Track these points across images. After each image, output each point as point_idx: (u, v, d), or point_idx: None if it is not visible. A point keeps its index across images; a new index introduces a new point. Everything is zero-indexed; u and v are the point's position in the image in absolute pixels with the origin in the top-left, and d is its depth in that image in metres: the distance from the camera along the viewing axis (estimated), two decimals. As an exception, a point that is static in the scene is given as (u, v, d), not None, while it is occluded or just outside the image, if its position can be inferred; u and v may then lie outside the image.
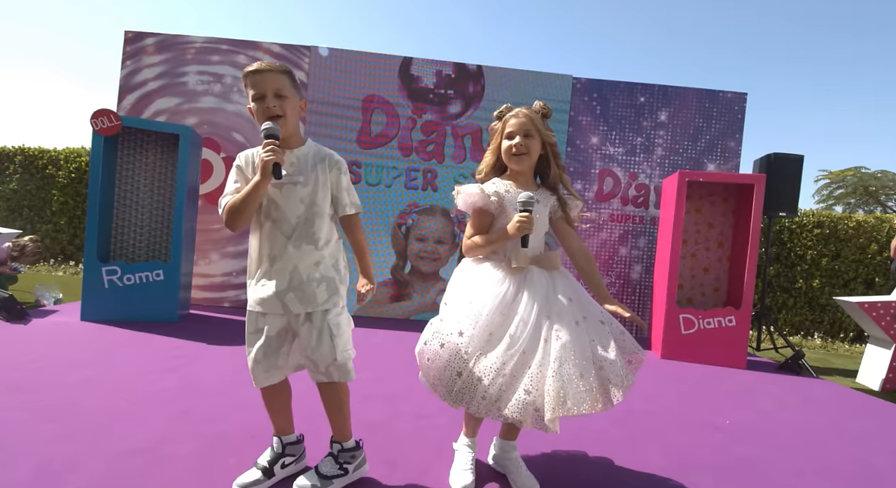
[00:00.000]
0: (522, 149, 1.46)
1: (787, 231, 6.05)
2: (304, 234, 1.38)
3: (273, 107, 1.33)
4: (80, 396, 2.00)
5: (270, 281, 1.37)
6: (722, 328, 3.64)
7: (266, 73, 1.35)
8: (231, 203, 1.32)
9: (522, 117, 1.47)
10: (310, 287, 1.38)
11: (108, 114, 3.39)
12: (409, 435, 1.87)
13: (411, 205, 4.45)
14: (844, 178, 12.85)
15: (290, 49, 4.40)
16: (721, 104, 4.59)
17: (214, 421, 1.87)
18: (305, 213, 1.38)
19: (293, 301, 1.37)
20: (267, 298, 1.37)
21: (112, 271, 3.44)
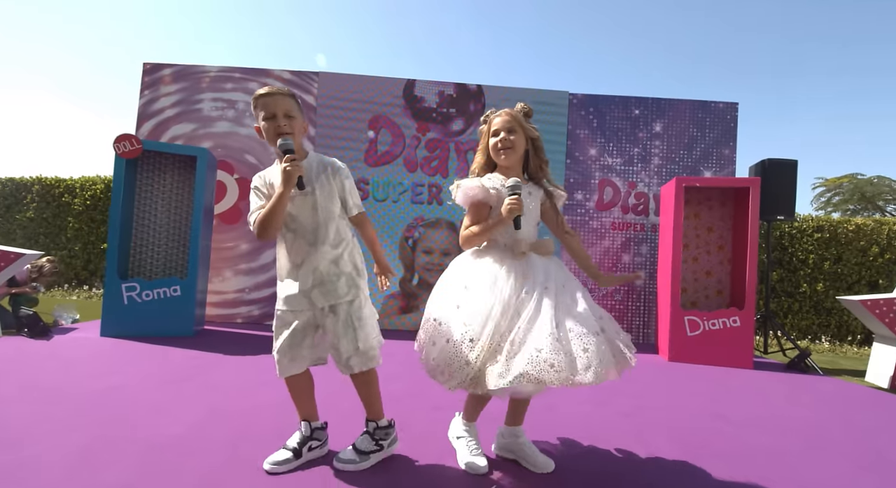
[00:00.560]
0: (508, 143, 1.58)
1: (788, 236, 6.13)
2: (322, 237, 1.53)
3: (283, 125, 1.49)
4: (108, 399, 2.09)
5: (296, 282, 1.52)
6: (727, 329, 3.69)
7: (276, 95, 1.51)
8: (261, 216, 1.47)
9: (506, 115, 1.61)
10: (331, 282, 1.53)
11: (130, 138, 3.58)
12: (426, 425, 1.94)
13: (417, 219, 4.59)
14: (841, 185, 12.98)
15: (300, 75, 4.64)
16: (713, 114, 4.76)
17: (239, 416, 1.95)
18: (319, 218, 1.53)
19: (318, 296, 1.52)
20: (294, 296, 1.52)
21: (131, 287, 3.56)
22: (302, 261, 1.52)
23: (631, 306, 4.65)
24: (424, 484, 1.47)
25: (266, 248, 4.52)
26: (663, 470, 1.68)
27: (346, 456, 1.55)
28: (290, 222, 1.53)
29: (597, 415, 2.24)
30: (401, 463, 1.62)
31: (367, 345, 1.54)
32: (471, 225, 1.59)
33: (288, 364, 1.54)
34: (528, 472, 1.59)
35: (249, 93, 4.58)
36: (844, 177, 12.91)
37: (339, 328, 1.52)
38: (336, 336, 1.52)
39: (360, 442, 1.58)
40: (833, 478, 1.69)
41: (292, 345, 1.53)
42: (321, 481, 1.46)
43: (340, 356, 1.53)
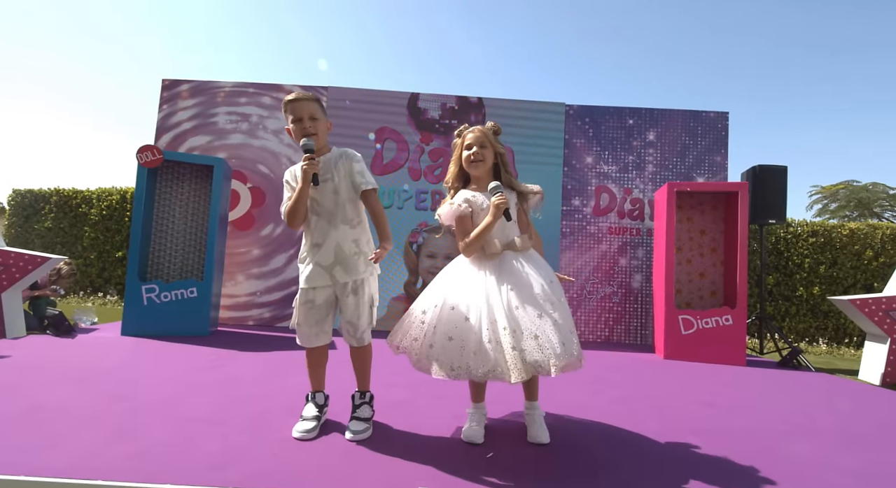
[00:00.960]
0: (479, 156, 1.80)
1: (784, 241, 6.27)
2: (341, 217, 1.76)
3: (309, 127, 1.72)
4: (136, 386, 2.27)
5: (320, 259, 1.74)
6: (720, 327, 3.83)
7: (302, 101, 1.74)
8: (287, 208, 1.74)
9: (477, 132, 1.83)
10: (351, 259, 1.76)
11: (152, 149, 3.82)
12: (428, 407, 2.10)
13: (421, 225, 4.79)
14: (837, 192, 13.15)
15: (309, 90, 4.89)
16: (705, 123, 4.97)
17: (257, 401, 2.12)
18: (338, 200, 1.76)
19: (340, 272, 1.74)
20: (318, 273, 1.74)
21: (151, 289, 3.76)
22: (323, 241, 1.74)
23: (629, 308, 4.79)
24: (437, 447, 1.63)
25: (276, 253, 4.73)
26: (650, 444, 1.83)
27: (359, 428, 1.73)
28: (314, 206, 1.76)
29: (589, 403, 2.39)
30: (410, 435, 1.78)
31: (375, 322, 1.80)
32: (463, 236, 1.78)
33: (314, 337, 1.77)
34: (522, 446, 1.74)
35: (262, 107, 4.84)
36: (840, 185, 13.08)
37: (360, 306, 1.76)
38: (356, 313, 1.76)
39: (362, 412, 1.79)
40: (806, 452, 1.83)
41: (319, 321, 1.76)
42: (343, 447, 1.63)
43: (356, 330, 1.78)
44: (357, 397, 1.84)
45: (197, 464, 1.42)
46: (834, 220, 12.71)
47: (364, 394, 1.84)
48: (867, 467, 1.69)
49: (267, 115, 4.84)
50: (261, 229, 4.76)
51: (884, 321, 3.81)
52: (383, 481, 1.38)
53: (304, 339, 1.79)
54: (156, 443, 1.57)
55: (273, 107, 4.85)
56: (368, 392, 1.86)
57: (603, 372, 3.20)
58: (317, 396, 1.84)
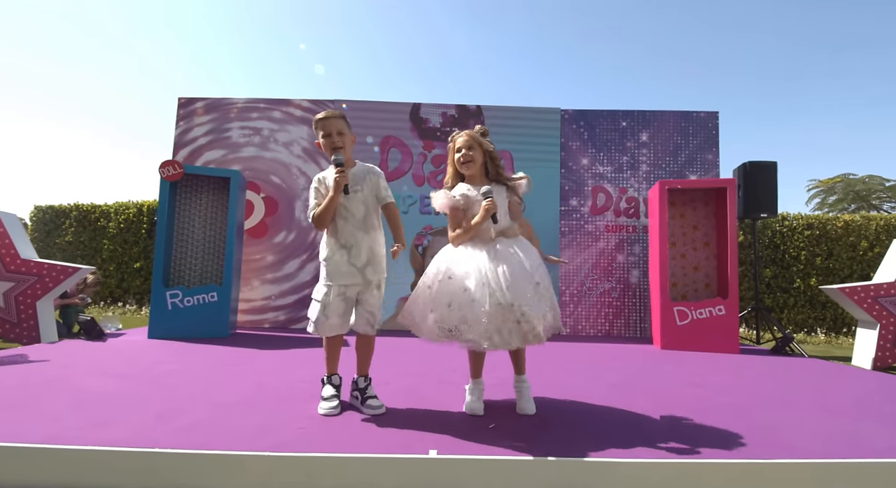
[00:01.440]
0: (468, 158, 2.03)
1: (780, 234, 6.44)
2: (369, 224, 2.05)
3: (337, 141, 2.01)
4: (170, 378, 2.50)
5: (349, 260, 2.00)
6: (713, 317, 4.01)
7: (331, 118, 2.04)
8: (317, 212, 2.00)
9: (465, 136, 2.06)
10: (380, 261, 2.06)
11: (173, 163, 4.09)
12: (434, 390, 2.32)
13: (426, 228, 5.02)
14: (834, 186, 13.26)
15: (317, 103, 5.16)
16: (696, 123, 5.17)
17: (282, 388, 2.34)
18: (365, 210, 2.04)
19: (371, 271, 2.03)
20: (349, 272, 2.00)
21: (174, 294, 4.01)
22: (353, 244, 2.00)
23: (628, 302, 4.98)
24: (443, 421, 1.85)
25: (289, 259, 4.97)
26: (636, 417, 2.03)
27: (375, 403, 1.97)
28: (342, 212, 2.01)
29: (587, 386, 2.59)
30: (419, 411, 2.00)
31: None
32: (454, 227, 2.03)
33: (340, 327, 2.02)
34: (518, 417, 1.95)
35: (273, 121, 5.11)
36: (837, 178, 13.20)
37: (378, 300, 2.05)
38: (376, 305, 2.05)
39: (370, 391, 2.04)
40: (780, 421, 2.02)
41: (345, 313, 2.02)
42: (361, 421, 1.84)
43: (374, 320, 2.04)
44: (362, 381, 2.08)
45: (238, 436, 1.64)
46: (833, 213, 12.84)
47: (367, 378, 2.09)
48: (834, 431, 1.88)
49: (277, 128, 5.11)
50: (274, 236, 5.01)
51: (872, 308, 3.97)
52: (400, 445, 1.59)
53: (331, 329, 2.01)
54: (198, 421, 1.79)
55: (283, 120, 5.12)
56: (367, 375, 2.10)
57: (602, 360, 3.40)
58: (332, 378, 2.08)
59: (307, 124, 5.13)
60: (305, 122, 5.13)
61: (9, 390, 2.16)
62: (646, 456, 1.53)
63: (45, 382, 2.32)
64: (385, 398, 2.09)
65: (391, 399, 2.14)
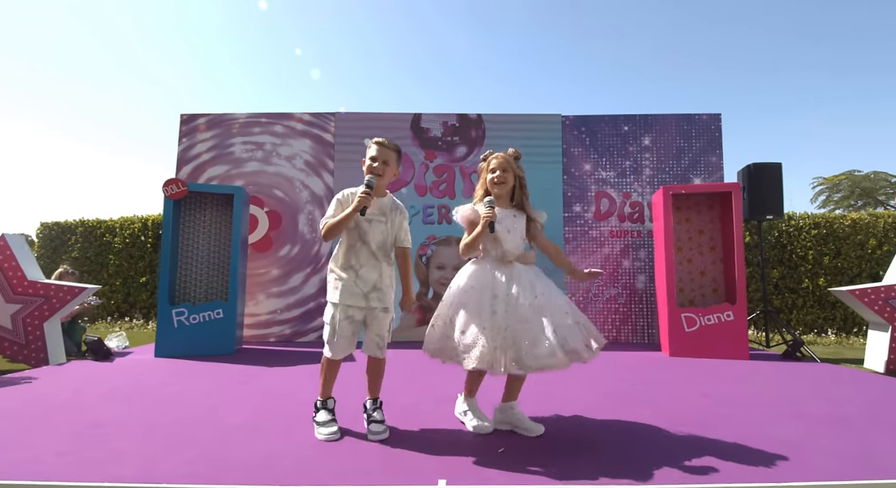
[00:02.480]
0: (502, 179, 2.07)
1: (786, 234, 6.37)
2: (384, 254, 2.05)
3: (377, 167, 2.03)
4: (178, 400, 2.50)
5: (359, 283, 2.01)
6: (722, 323, 3.97)
7: (386, 148, 2.07)
8: (331, 223, 1.98)
9: (500, 158, 2.11)
10: (387, 290, 2.05)
11: (177, 181, 4.11)
12: (435, 408, 2.30)
13: (430, 237, 5.01)
14: (839, 183, 13.16)
15: (318, 116, 5.18)
16: (698, 125, 5.14)
17: (287, 409, 2.34)
18: (382, 241, 2.05)
19: (375, 298, 2.02)
20: (356, 295, 2.00)
21: (180, 312, 4.02)
22: (362, 265, 2.01)
23: (634, 308, 4.94)
24: (449, 444, 1.83)
25: (294, 272, 4.98)
26: (647, 434, 2.01)
27: (379, 429, 1.94)
28: (363, 234, 2.02)
29: (589, 395, 2.57)
30: (422, 434, 1.98)
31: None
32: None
33: (346, 350, 2.02)
34: (524, 439, 1.93)
35: (275, 135, 5.14)
36: (842, 175, 13.10)
37: (387, 324, 2.06)
38: (384, 328, 2.05)
39: (378, 415, 2.02)
40: (787, 435, 1.98)
41: (354, 334, 2.02)
42: (366, 447, 1.83)
43: (383, 342, 2.05)
44: (370, 403, 2.07)
45: (244, 467, 1.63)
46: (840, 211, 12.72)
47: (376, 401, 2.09)
48: (849, 447, 1.84)
49: (280, 142, 5.13)
50: (279, 250, 5.02)
51: (884, 309, 3.91)
52: (406, 474, 1.58)
53: (339, 351, 2.01)
54: (206, 450, 1.79)
55: (285, 134, 5.14)
56: (378, 398, 2.09)
57: (611, 370, 3.37)
58: (328, 402, 2.06)
59: (309, 137, 5.15)
60: (307, 136, 5.15)
61: (17, 416, 2.16)
62: (659, 480, 1.51)
63: (51, 408, 2.33)
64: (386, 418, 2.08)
65: (392, 419, 2.13)
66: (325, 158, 5.12)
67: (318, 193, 5.05)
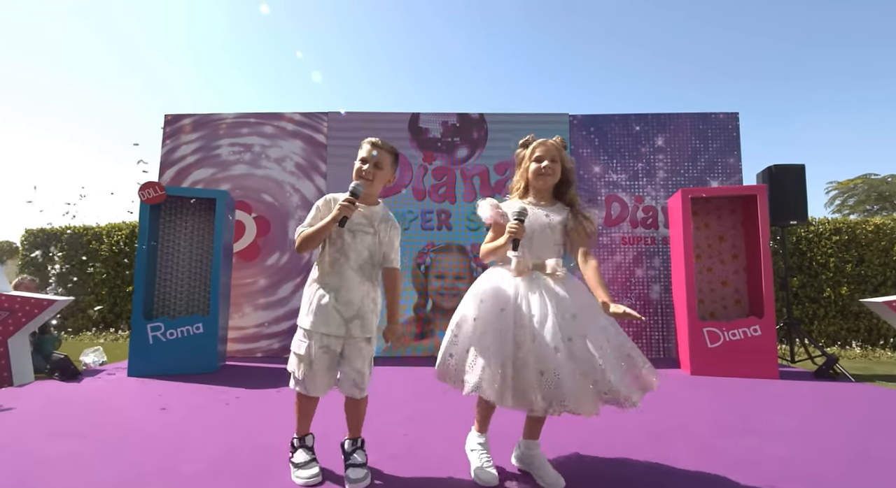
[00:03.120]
0: (549, 170, 1.73)
1: (805, 241, 6.04)
2: (368, 272, 1.74)
3: (367, 171, 1.74)
4: (136, 437, 2.17)
5: (339, 308, 1.67)
6: (748, 338, 3.63)
7: (378, 148, 1.77)
8: (305, 233, 1.68)
9: (549, 145, 1.76)
10: (369, 317, 1.72)
11: (154, 185, 3.79)
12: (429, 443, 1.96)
13: (428, 245, 4.69)
14: (854, 187, 12.78)
15: (310, 116, 4.87)
16: (715, 125, 4.82)
17: (261, 447, 2.00)
18: (368, 257, 1.74)
19: (357, 326, 1.69)
20: (336, 321, 1.66)
21: (156, 327, 3.69)
22: (343, 285, 1.67)
23: (649, 321, 4.60)
24: (446, 506, 1.49)
25: (283, 282, 4.65)
26: (685, 481, 1.67)
27: (359, 475, 1.63)
28: (344, 248, 1.70)
29: (617, 429, 2.23)
30: (412, 481, 1.64)
31: None
32: (492, 239, 1.73)
33: (325, 386, 1.69)
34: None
35: (264, 136, 4.83)
36: (858, 179, 12.71)
37: (367, 359, 1.72)
38: (364, 363, 1.70)
39: (360, 456, 1.70)
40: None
41: (330, 368, 1.69)
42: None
43: (363, 380, 1.70)
44: (349, 444, 1.75)
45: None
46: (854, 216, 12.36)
47: (356, 441, 1.76)
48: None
49: (269, 143, 4.83)
50: (266, 258, 4.70)
51: (925, 323, 3.58)
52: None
53: (316, 388, 1.68)
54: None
55: (275, 135, 4.84)
56: (359, 438, 1.78)
57: (628, 394, 3.02)
58: (306, 440, 1.78)
59: (300, 138, 4.84)
60: (298, 137, 4.84)
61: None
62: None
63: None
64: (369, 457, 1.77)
65: (378, 458, 1.80)
66: (317, 160, 4.81)
67: (309, 198, 4.73)
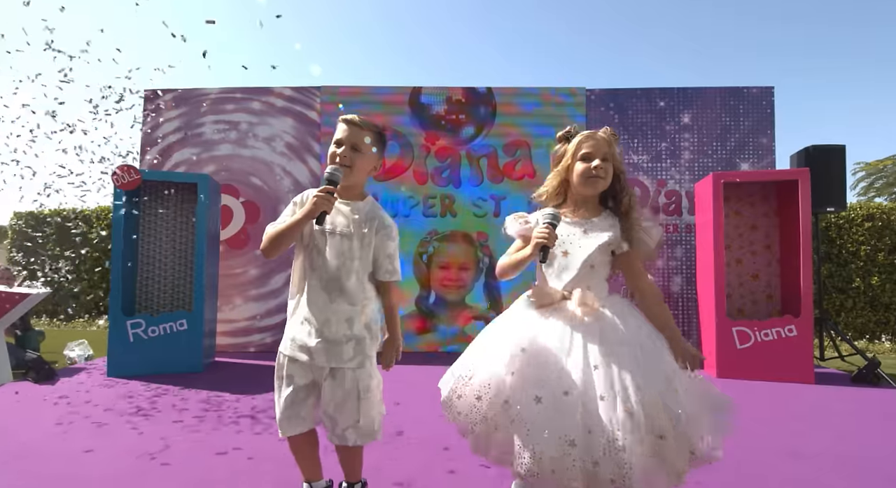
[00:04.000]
0: (602, 172, 1.31)
1: (835, 227, 5.64)
2: (340, 288, 1.35)
3: (343, 156, 1.34)
4: (83, 469, 1.89)
5: (303, 327, 1.35)
6: (782, 339, 3.30)
7: (354, 126, 1.36)
8: (272, 232, 1.34)
9: (600, 140, 1.34)
10: (338, 343, 1.34)
11: (129, 169, 3.44)
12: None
13: (431, 233, 4.34)
14: (884, 168, 12.14)
15: (301, 91, 4.46)
16: (747, 100, 4.37)
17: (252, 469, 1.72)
18: (344, 266, 1.36)
19: (319, 352, 1.33)
20: (297, 343, 1.34)
21: (137, 324, 3.41)
22: (311, 302, 1.35)
23: (668, 315, 4.27)
24: None
25: (276, 272, 4.34)
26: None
27: None
28: (315, 256, 1.37)
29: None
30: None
31: (369, 419, 1.35)
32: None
33: (288, 424, 1.36)
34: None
35: (251, 113, 4.43)
36: (887, 159, 12.05)
37: (337, 395, 1.33)
38: (334, 403, 1.33)
39: None
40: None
41: (295, 403, 1.36)
42: None
43: (336, 426, 1.34)
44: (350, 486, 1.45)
45: None
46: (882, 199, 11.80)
47: (353, 486, 1.45)
48: None
49: (257, 121, 4.43)
50: (257, 246, 4.37)
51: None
52: None
53: (288, 426, 1.36)
54: None
55: (263, 112, 4.44)
56: (358, 482, 1.46)
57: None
58: (314, 485, 1.46)
59: (291, 115, 4.44)
60: (289, 114, 4.44)
61: None
62: None
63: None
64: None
65: None
66: (309, 140, 4.42)
67: (301, 181, 4.37)
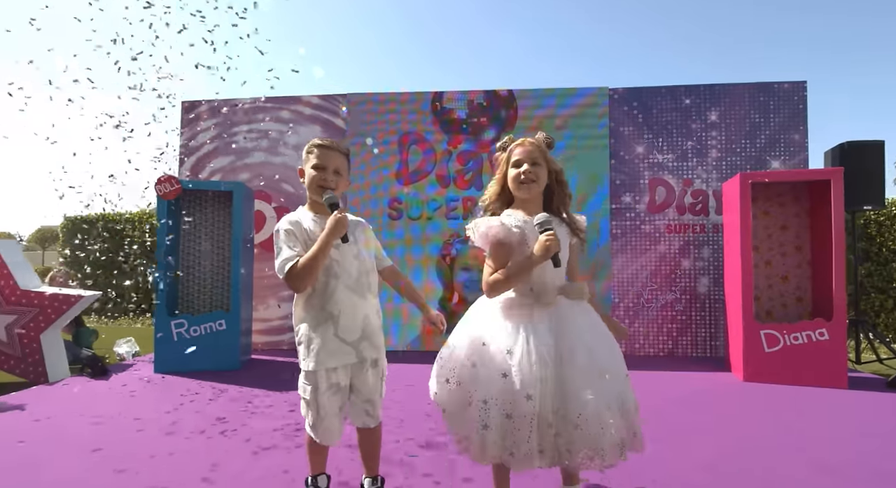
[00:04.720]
0: (531, 176, 1.41)
1: (875, 224, 5.41)
2: (366, 285, 1.56)
3: (330, 180, 1.54)
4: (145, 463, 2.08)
5: (343, 334, 1.48)
6: (813, 343, 3.23)
7: (333, 151, 1.56)
8: (304, 262, 1.41)
9: (528, 145, 1.45)
10: (378, 334, 1.57)
11: (170, 179, 3.67)
12: None
13: (454, 235, 4.43)
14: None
15: (327, 99, 4.61)
16: (778, 96, 4.25)
17: (269, 477, 1.86)
18: (361, 267, 1.56)
19: (367, 348, 1.53)
20: (342, 349, 1.48)
21: (180, 324, 3.65)
22: (340, 312, 1.48)
23: (695, 317, 4.23)
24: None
25: (306, 274, 4.53)
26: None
27: None
28: (335, 267, 1.49)
29: (673, 463, 1.97)
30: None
31: None
32: (495, 269, 1.39)
33: (338, 431, 1.54)
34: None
35: (281, 121, 4.62)
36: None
37: (376, 381, 1.57)
38: (375, 388, 1.56)
39: None
40: None
41: (342, 406, 1.53)
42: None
43: (374, 408, 1.56)
44: (368, 483, 1.61)
45: None
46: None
47: (376, 480, 1.61)
48: None
49: (286, 129, 4.62)
50: (288, 250, 4.57)
51: None
52: None
53: (329, 436, 1.51)
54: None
55: (292, 120, 4.62)
56: (378, 476, 1.63)
57: (672, 406, 2.74)
58: (319, 480, 1.62)
59: (318, 123, 4.60)
60: (316, 121, 4.60)
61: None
62: None
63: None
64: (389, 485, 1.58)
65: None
66: (336, 146, 4.57)
67: (329, 186, 4.53)
